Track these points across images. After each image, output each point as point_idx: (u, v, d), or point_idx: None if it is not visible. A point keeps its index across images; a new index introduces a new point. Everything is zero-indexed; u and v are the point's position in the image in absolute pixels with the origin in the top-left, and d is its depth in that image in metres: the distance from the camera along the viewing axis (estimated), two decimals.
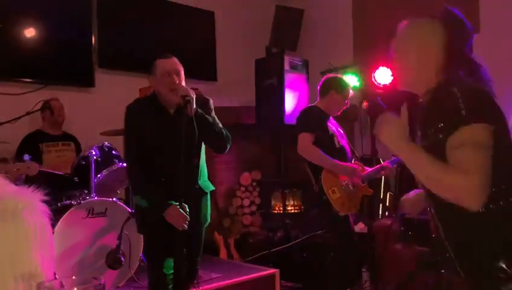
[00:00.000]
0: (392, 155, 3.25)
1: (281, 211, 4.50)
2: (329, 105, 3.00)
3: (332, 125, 2.99)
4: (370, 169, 3.05)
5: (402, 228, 3.46)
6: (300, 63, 4.50)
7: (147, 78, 2.30)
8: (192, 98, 2.14)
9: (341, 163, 2.87)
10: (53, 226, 2.61)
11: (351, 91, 3.06)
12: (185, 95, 2.14)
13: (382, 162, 3.17)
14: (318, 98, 3.09)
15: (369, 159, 3.45)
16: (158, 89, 2.24)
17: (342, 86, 3.01)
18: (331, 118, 3.02)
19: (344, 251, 2.90)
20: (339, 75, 3.10)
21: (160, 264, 2.19)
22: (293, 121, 4.13)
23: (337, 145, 2.94)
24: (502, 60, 3.15)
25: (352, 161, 3.03)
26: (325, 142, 2.87)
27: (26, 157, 2.66)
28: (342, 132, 3.06)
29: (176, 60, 2.28)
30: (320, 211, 3.01)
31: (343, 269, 2.93)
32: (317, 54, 4.86)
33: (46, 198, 0.80)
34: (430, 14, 1.43)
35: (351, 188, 2.89)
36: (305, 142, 2.84)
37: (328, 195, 2.81)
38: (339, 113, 3.06)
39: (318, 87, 3.11)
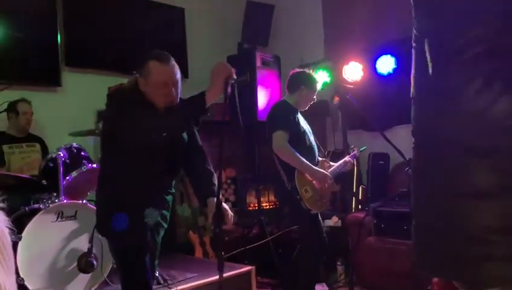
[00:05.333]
0: (352, 149, 3.33)
1: (256, 208, 4.50)
2: (299, 100, 3.01)
3: (301, 121, 3.01)
4: (334, 165, 3.12)
5: (375, 221, 3.52)
6: (271, 59, 4.51)
7: (137, 76, 1.94)
8: None
9: (314, 167, 2.91)
10: (20, 231, 2.55)
11: (318, 86, 3.09)
12: None
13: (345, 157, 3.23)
14: (287, 92, 3.10)
15: (341, 153, 3.49)
16: (150, 97, 1.92)
17: (311, 81, 3.03)
18: (299, 113, 3.04)
19: (313, 248, 2.96)
20: (307, 70, 3.12)
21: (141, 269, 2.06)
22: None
23: (308, 143, 2.97)
24: None
25: (319, 158, 3.08)
26: (297, 139, 2.89)
27: None
28: (309, 128, 3.10)
29: (174, 65, 1.93)
30: (291, 209, 3.05)
31: (311, 266, 2.99)
32: (288, 50, 4.88)
33: (2, 205, 0.75)
34: None
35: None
36: (281, 141, 2.84)
37: (302, 194, 2.84)
38: (307, 108, 3.09)
39: (286, 83, 3.12)
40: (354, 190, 4.20)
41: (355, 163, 4.00)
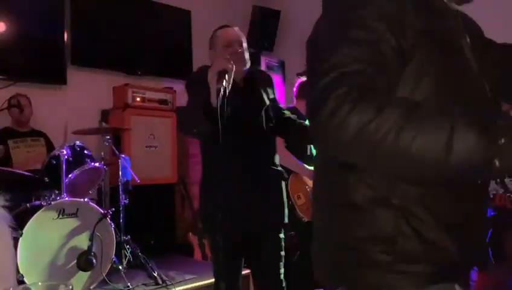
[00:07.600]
0: None
1: None
2: None
3: None
4: None
5: None
6: (276, 64, 4.53)
7: (208, 52, 2.00)
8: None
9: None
10: (21, 227, 2.56)
11: None
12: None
13: None
14: (295, 100, 3.08)
15: None
16: None
17: None
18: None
19: (306, 255, 2.93)
20: None
21: None
22: None
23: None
24: None
25: None
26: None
27: None
28: None
29: (237, 29, 2.01)
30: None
31: (306, 272, 2.97)
32: (293, 55, 4.90)
33: (5, 203, 0.76)
34: None
35: None
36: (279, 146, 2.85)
37: (294, 200, 2.84)
38: None
39: (295, 89, 3.09)
40: None
41: None
